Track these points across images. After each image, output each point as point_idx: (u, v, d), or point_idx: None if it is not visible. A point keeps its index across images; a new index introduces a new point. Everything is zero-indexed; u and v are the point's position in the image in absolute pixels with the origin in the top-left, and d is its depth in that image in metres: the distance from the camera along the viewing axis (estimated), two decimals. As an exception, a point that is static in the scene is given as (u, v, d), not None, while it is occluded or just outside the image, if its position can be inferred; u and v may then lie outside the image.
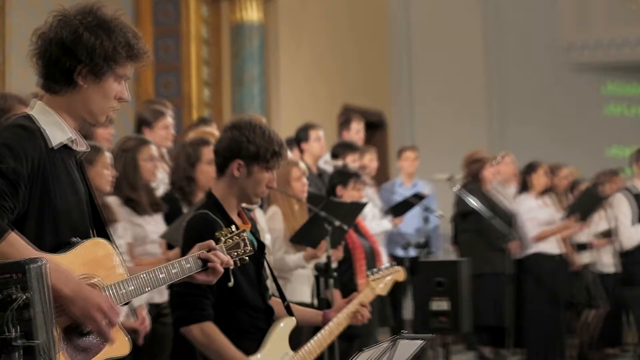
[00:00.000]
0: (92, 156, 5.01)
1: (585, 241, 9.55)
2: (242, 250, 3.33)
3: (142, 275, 2.92)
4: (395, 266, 4.29)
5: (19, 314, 2.45)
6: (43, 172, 2.78)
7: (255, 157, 3.78)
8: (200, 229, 3.69)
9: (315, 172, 7.63)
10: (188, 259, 3.07)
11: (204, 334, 3.69)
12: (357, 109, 11.71)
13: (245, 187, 3.81)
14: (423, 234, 7.85)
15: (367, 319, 4.05)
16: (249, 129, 3.79)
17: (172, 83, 10.43)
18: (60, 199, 2.81)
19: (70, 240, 2.82)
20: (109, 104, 2.89)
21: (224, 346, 3.69)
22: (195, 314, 3.70)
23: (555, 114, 13.31)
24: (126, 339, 2.90)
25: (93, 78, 2.84)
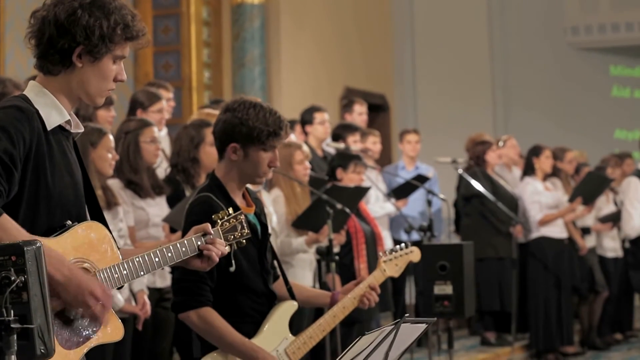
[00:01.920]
0: (95, 138, 4.99)
1: (587, 225, 9.52)
2: (239, 233, 3.29)
3: (137, 259, 2.89)
4: (411, 246, 4.19)
5: (16, 297, 2.41)
6: (38, 154, 2.74)
7: (249, 139, 3.72)
8: (201, 213, 3.65)
9: (321, 155, 7.61)
10: (184, 243, 3.04)
11: (202, 319, 3.66)
12: (360, 91, 11.65)
13: (245, 169, 3.77)
14: (426, 218, 7.80)
15: (375, 303, 3.98)
16: (242, 110, 3.73)
17: (172, 65, 10.37)
18: (55, 181, 2.78)
19: (64, 223, 2.79)
20: (106, 85, 2.85)
21: (224, 330, 3.65)
22: (192, 300, 3.66)
23: (560, 98, 13.24)
24: (120, 324, 2.87)
25: (90, 59, 2.80)
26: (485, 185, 8.60)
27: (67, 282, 2.64)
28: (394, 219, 8.63)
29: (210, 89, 10.48)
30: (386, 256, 4.12)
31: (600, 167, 10.02)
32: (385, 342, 3.25)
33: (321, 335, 3.85)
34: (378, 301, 4.00)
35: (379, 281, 4.03)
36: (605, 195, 9.69)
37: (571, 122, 13.00)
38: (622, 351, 9.55)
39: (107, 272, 2.82)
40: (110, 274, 2.82)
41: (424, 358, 7.78)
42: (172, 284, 3.78)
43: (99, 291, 2.69)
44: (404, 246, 4.17)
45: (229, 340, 3.65)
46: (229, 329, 3.66)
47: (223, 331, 3.65)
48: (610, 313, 9.77)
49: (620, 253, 9.83)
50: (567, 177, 9.45)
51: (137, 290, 5.23)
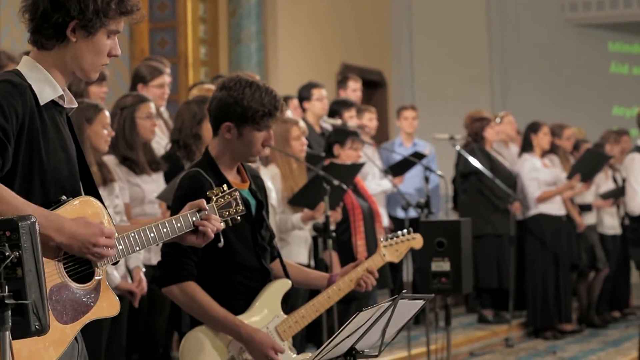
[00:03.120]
0: (91, 114, 4.96)
1: (588, 202, 9.50)
2: (233, 209, 3.29)
3: (132, 234, 2.89)
4: (413, 233, 4.14)
5: (10, 273, 2.39)
6: (31, 129, 2.72)
7: (244, 119, 3.69)
8: (188, 187, 3.66)
9: (318, 132, 7.58)
10: (179, 218, 3.03)
11: (184, 293, 3.65)
12: (357, 67, 11.60)
13: (238, 148, 3.74)
14: (423, 195, 7.78)
15: (372, 286, 3.94)
16: (238, 89, 3.70)
17: (168, 41, 10.31)
18: (48, 157, 2.76)
19: (59, 198, 2.78)
20: (100, 60, 2.83)
21: (206, 304, 3.64)
22: (174, 274, 3.66)
23: (558, 74, 13.19)
24: (116, 299, 2.86)
25: (84, 33, 2.78)
26: (483, 162, 8.58)
27: (71, 242, 2.68)
28: (390, 196, 8.61)
29: (207, 65, 10.42)
30: (387, 241, 4.07)
31: (599, 144, 10.00)
32: (382, 319, 3.24)
33: (314, 315, 3.83)
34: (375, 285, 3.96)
35: (378, 265, 3.99)
36: (604, 172, 9.67)
37: (569, 98, 12.96)
38: (620, 329, 9.56)
39: None
40: None
41: (421, 335, 7.77)
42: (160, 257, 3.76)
43: (100, 240, 2.72)
44: (405, 232, 4.13)
45: (211, 315, 3.64)
46: (211, 303, 3.64)
47: (205, 305, 3.64)
48: (608, 291, 9.77)
49: (619, 230, 9.82)
50: (565, 154, 9.43)
51: (133, 267, 5.21)
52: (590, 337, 9.10)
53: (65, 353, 2.72)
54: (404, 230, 4.13)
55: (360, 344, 3.31)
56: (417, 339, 7.73)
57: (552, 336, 8.88)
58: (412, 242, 4.13)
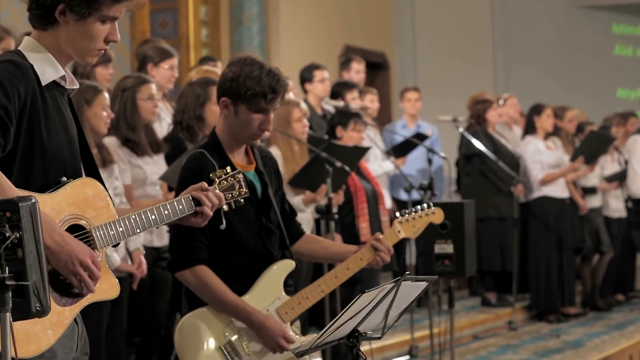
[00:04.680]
0: (90, 96, 4.94)
1: (593, 185, 9.47)
2: (236, 192, 3.26)
3: (133, 216, 2.86)
4: (433, 207, 3.93)
5: (10, 254, 2.36)
6: (33, 109, 2.70)
7: (237, 95, 3.66)
8: (192, 170, 3.64)
9: (320, 114, 7.54)
10: (180, 200, 3.01)
11: (197, 277, 3.63)
12: (359, 49, 11.54)
13: (234, 127, 3.71)
14: (426, 176, 7.74)
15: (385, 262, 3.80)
16: (239, 66, 3.67)
17: (169, 22, 10.26)
18: (49, 137, 2.74)
19: (59, 179, 2.75)
20: (94, 45, 2.79)
21: (217, 289, 3.63)
22: (187, 258, 3.64)
23: (561, 56, 13.13)
24: (116, 282, 2.84)
25: (74, 17, 2.74)
26: (486, 144, 8.54)
27: (58, 249, 2.60)
28: (393, 177, 8.58)
29: (208, 46, 10.37)
30: (403, 217, 3.90)
31: (604, 127, 9.96)
32: (385, 301, 3.21)
33: (318, 296, 3.76)
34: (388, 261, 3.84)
35: (392, 242, 3.85)
36: (610, 154, 9.64)
37: (573, 81, 12.91)
38: (624, 312, 9.54)
39: (103, 229, 2.78)
40: (106, 231, 2.79)
41: (424, 318, 7.77)
42: (169, 242, 3.74)
43: (88, 261, 2.64)
44: (425, 206, 3.93)
45: (222, 299, 3.63)
46: (223, 288, 3.63)
47: (217, 290, 3.62)
48: (613, 274, 9.75)
49: (624, 213, 9.80)
50: (567, 136, 9.39)
51: (133, 249, 5.19)
52: (594, 321, 9.08)
53: (65, 335, 2.70)
54: (424, 205, 3.93)
55: (363, 326, 3.29)
56: (420, 322, 7.72)
57: (556, 319, 8.87)
58: (432, 217, 3.92)
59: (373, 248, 3.79)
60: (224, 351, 3.64)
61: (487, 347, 7.75)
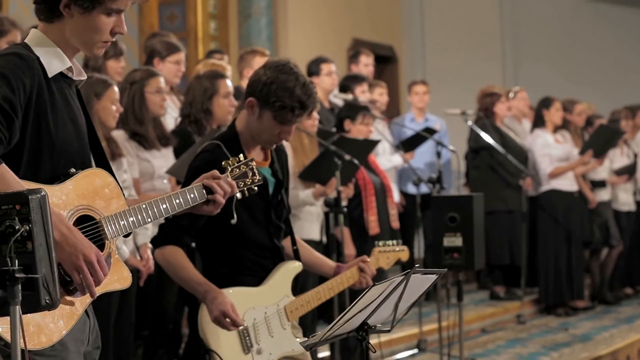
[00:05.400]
0: (100, 89, 4.94)
1: (603, 178, 9.44)
2: (249, 180, 3.23)
3: (143, 206, 2.84)
4: (403, 245, 4.27)
5: (20, 246, 2.35)
6: (39, 101, 2.69)
7: (266, 101, 3.65)
8: (205, 161, 3.62)
9: (327, 107, 7.52)
10: (192, 189, 2.99)
11: (164, 256, 3.64)
12: (368, 42, 11.51)
13: (254, 128, 3.71)
14: (435, 170, 7.73)
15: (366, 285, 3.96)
16: (275, 71, 3.65)
17: (177, 15, 10.25)
18: (57, 129, 2.73)
19: (68, 171, 2.74)
20: (100, 37, 2.78)
21: (181, 266, 3.61)
22: (161, 238, 3.65)
23: (570, 49, 13.07)
24: (128, 273, 2.83)
25: (79, 10, 2.73)
26: (495, 137, 8.52)
27: (64, 241, 2.57)
28: (402, 171, 8.56)
29: (216, 40, 10.36)
30: (381, 247, 4.18)
31: (613, 120, 9.92)
32: (395, 294, 3.20)
33: (317, 302, 3.87)
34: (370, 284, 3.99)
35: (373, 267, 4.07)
36: (619, 147, 9.61)
37: (581, 74, 12.86)
38: (633, 305, 9.52)
39: (113, 219, 2.77)
40: (116, 221, 2.77)
41: (432, 312, 7.76)
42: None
43: (93, 258, 2.60)
44: (395, 242, 4.25)
45: (182, 275, 3.61)
46: (187, 265, 3.61)
47: (179, 267, 3.60)
48: (621, 267, 9.73)
49: (633, 207, 9.77)
50: (576, 130, 9.36)
51: (140, 244, 5.17)
52: (602, 314, 9.06)
53: (77, 328, 2.69)
54: (394, 241, 4.26)
55: (373, 319, 3.28)
56: (429, 316, 7.71)
57: (564, 313, 8.85)
58: (401, 253, 4.25)
59: (359, 269, 3.97)
60: (241, 335, 3.66)
61: (496, 341, 7.74)
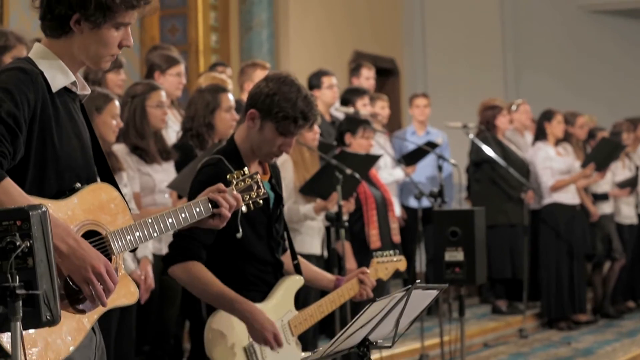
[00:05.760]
0: (101, 104, 4.93)
1: (605, 191, 9.43)
2: (254, 193, 3.22)
3: (149, 220, 2.83)
4: (400, 256, 4.27)
5: (21, 263, 2.35)
6: (44, 116, 2.69)
7: (268, 112, 3.65)
8: (210, 175, 3.60)
9: (328, 120, 7.52)
10: (197, 203, 2.98)
11: (187, 272, 3.59)
12: (369, 55, 11.52)
13: (255, 141, 3.71)
14: (436, 183, 7.72)
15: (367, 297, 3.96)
16: (277, 83, 3.67)
17: (178, 28, 10.26)
18: (62, 144, 2.72)
19: (73, 186, 2.73)
20: (108, 51, 2.78)
21: (208, 282, 3.58)
22: (178, 254, 3.61)
23: (571, 61, 13.08)
24: (134, 287, 2.82)
25: (89, 25, 2.74)
26: (496, 150, 8.52)
27: (72, 253, 2.56)
28: (403, 185, 8.56)
29: (218, 52, 10.36)
30: (379, 258, 4.18)
31: (615, 132, 9.92)
32: (396, 309, 3.19)
33: (320, 316, 3.86)
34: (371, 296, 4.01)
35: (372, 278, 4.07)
36: (621, 160, 9.61)
37: (583, 86, 12.86)
38: (635, 319, 9.50)
39: (119, 234, 2.76)
40: (123, 236, 2.77)
41: (434, 326, 7.73)
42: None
43: (102, 269, 2.60)
44: (393, 252, 4.25)
45: (212, 291, 3.58)
46: (214, 281, 3.58)
47: (207, 283, 3.57)
48: (623, 281, 9.71)
49: (635, 220, 9.76)
50: (578, 142, 9.36)
51: (140, 257, 5.13)
52: (605, 328, 9.04)
53: (84, 345, 2.68)
54: (391, 251, 4.26)
55: (374, 335, 3.28)
56: (431, 330, 7.69)
57: (567, 327, 8.83)
58: (398, 264, 4.24)
59: (359, 281, 3.96)
60: (247, 352, 3.65)
61: (498, 355, 7.72)
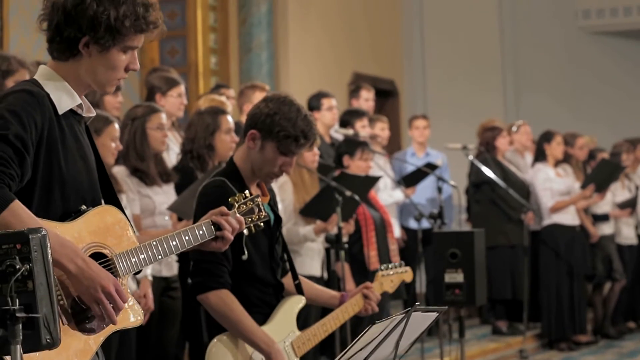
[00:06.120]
0: (100, 126, 4.94)
1: (605, 212, 9.43)
2: (256, 216, 3.23)
3: (154, 243, 2.85)
4: (406, 266, 4.25)
5: (21, 286, 2.36)
6: (50, 138, 2.70)
7: (269, 132, 3.67)
8: (215, 197, 3.60)
9: (328, 142, 7.53)
10: (201, 226, 2.99)
11: (222, 301, 3.61)
12: (368, 76, 11.55)
13: (257, 162, 3.73)
14: (436, 205, 7.72)
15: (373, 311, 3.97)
16: (277, 103, 3.69)
17: (178, 50, 10.29)
18: (68, 166, 2.74)
19: (79, 208, 2.75)
20: (115, 75, 2.80)
21: (242, 315, 3.61)
22: (212, 281, 3.63)
23: (571, 82, 13.11)
24: (138, 309, 2.84)
25: (97, 48, 2.75)
26: (496, 171, 8.53)
27: (80, 274, 2.59)
28: (403, 206, 8.56)
29: (217, 74, 10.39)
30: (383, 271, 4.15)
31: (614, 153, 9.94)
32: (395, 331, 3.19)
33: (324, 334, 3.85)
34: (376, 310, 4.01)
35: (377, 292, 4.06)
36: (620, 181, 9.62)
37: (583, 107, 12.88)
38: (635, 340, 9.48)
39: (124, 257, 2.78)
40: (128, 258, 2.78)
41: (434, 347, 7.72)
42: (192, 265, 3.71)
43: (112, 289, 2.62)
44: (398, 264, 4.23)
45: (245, 326, 3.61)
46: (246, 316, 3.62)
47: (240, 316, 3.61)
48: (623, 301, 9.70)
49: (634, 241, 9.76)
50: (577, 163, 9.37)
51: (140, 277, 5.12)
52: (605, 349, 9.03)
53: (89, 367, 2.69)
54: (397, 263, 4.24)
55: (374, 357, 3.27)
56: (431, 351, 7.67)
57: (567, 347, 8.82)
58: (404, 275, 4.22)
59: (364, 296, 3.96)
60: None
61: (498, 376, 7.70)
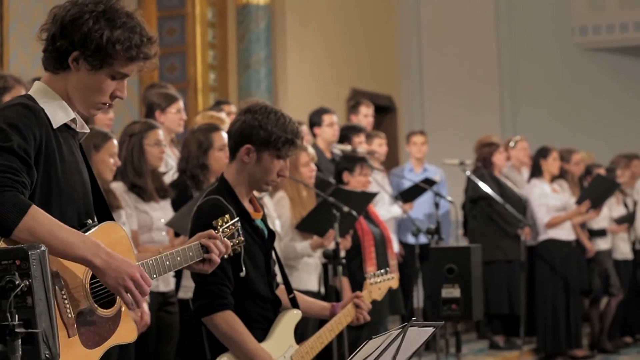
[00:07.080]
0: (99, 142, 4.95)
1: (602, 227, 9.46)
2: (236, 240, 3.31)
3: (150, 261, 2.91)
4: (392, 274, 4.29)
5: (20, 301, 2.39)
6: (48, 150, 2.74)
7: (265, 143, 3.70)
8: (211, 216, 3.60)
9: (329, 158, 7.56)
10: (191, 248, 3.06)
11: (226, 322, 3.63)
12: (366, 92, 11.59)
13: (254, 174, 3.74)
14: (433, 220, 7.75)
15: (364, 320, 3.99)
16: (262, 113, 3.72)
17: (177, 66, 10.32)
18: (65, 178, 2.77)
19: (84, 222, 2.80)
20: (99, 98, 2.82)
21: (245, 336, 3.63)
22: (216, 303, 3.64)
23: (568, 98, 13.15)
24: (133, 325, 2.89)
25: (87, 66, 2.78)
26: (493, 187, 8.55)
27: (107, 267, 2.66)
28: (401, 221, 8.58)
29: (216, 90, 10.43)
30: (372, 279, 4.18)
31: (610, 169, 9.97)
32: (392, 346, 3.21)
33: (321, 346, 3.87)
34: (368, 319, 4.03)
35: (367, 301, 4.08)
36: (616, 197, 9.64)
37: (580, 122, 12.92)
38: (632, 354, 9.48)
39: None
40: None
41: (431, 362, 7.73)
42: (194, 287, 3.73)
43: (137, 275, 2.70)
44: (384, 271, 4.26)
45: (248, 346, 3.62)
46: (250, 337, 3.64)
47: (244, 336, 3.63)
48: (619, 316, 9.71)
49: (630, 256, 9.78)
50: (573, 179, 9.39)
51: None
52: (601, 364, 9.04)
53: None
54: (383, 270, 4.27)
55: (371, 372, 3.28)
56: (428, 366, 7.68)
57: (563, 362, 8.83)
58: (390, 282, 4.25)
59: (355, 305, 3.98)
60: None
61: (495, 391, 7.70)
